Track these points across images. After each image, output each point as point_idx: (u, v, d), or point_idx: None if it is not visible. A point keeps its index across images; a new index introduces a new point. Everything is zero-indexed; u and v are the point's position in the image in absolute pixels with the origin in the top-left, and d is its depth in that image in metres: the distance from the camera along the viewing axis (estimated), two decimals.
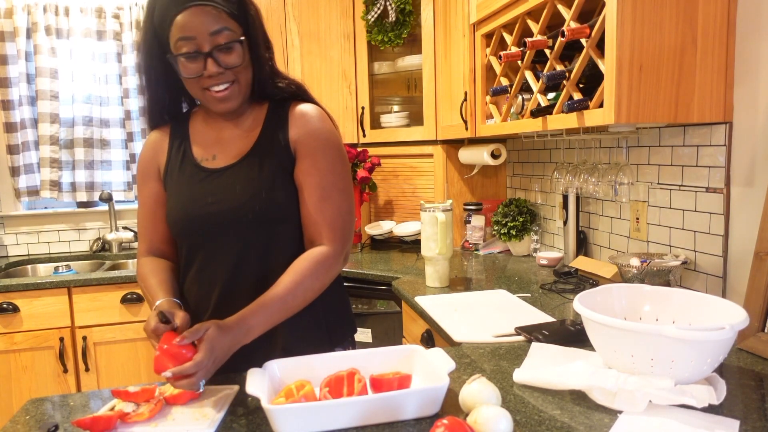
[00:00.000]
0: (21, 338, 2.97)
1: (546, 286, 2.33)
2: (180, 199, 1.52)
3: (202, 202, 1.48)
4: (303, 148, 1.50)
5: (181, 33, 1.37)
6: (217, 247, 1.50)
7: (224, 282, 1.50)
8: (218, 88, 1.42)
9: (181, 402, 1.28)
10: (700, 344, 1.17)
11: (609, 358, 1.30)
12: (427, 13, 3.17)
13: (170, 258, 1.62)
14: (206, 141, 1.55)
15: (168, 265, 1.58)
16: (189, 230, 1.51)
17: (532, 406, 1.24)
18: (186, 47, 1.38)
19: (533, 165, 3.12)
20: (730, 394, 1.26)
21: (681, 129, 2.05)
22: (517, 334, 1.72)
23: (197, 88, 1.44)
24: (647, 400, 1.17)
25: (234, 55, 1.41)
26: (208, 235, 1.49)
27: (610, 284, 1.51)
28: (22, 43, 3.52)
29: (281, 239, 1.51)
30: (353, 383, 1.24)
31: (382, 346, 1.40)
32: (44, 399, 1.37)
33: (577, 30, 1.84)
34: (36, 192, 3.69)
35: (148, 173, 1.59)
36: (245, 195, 1.46)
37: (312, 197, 1.49)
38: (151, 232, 1.60)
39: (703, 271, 1.99)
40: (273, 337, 1.47)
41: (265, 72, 1.52)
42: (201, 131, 1.57)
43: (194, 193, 1.50)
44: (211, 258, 1.51)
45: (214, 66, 1.39)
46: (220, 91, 1.42)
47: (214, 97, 1.43)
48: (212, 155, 1.53)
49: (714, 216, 1.93)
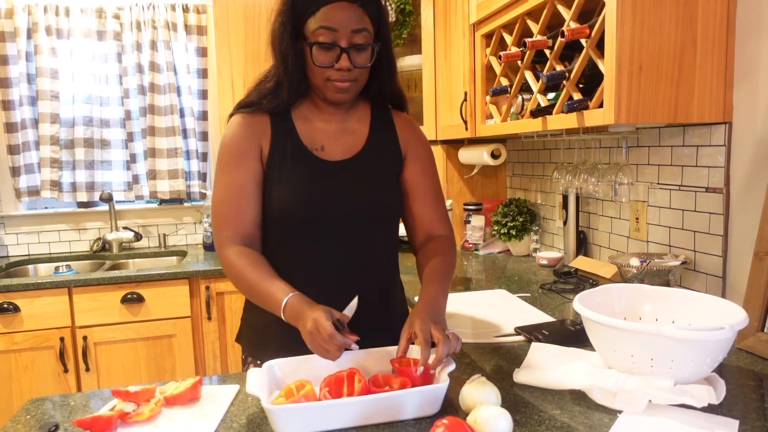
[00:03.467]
0: (21, 338, 2.97)
1: (546, 286, 2.33)
2: (297, 187, 1.50)
3: (323, 194, 1.50)
4: (414, 153, 1.64)
5: (324, 23, 1.42)
6: (326, 238, 1.52)
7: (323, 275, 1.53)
8: (343, 84, 1.47)
9: (181, 402, 1.29)
10: (700, 344, 1.17)
11: (609, 358, 1.30)
12: (427, 13, 3.17)
13: (257, 244, 1.54)
14: (312, 130, 1.57)
15: (264, 259, 1.50)
16: (303, 220, 1.50)
17: (532, 405, 1.24)
18: (324, 37, 1.42)
19: (533, 165, 3.12)
20: (729, 394, 1.26)
21: (681, 129, 2.05)
22: (517, 334, 1.72)
23: (321, 77, 1.47)
24: (647, 399, 1.18)
25: (365, 56, 1.47)
26: (321, 226, 1.51)
27: (610, 284, 1.51)
28: (22, 44, 3.52)
29: (384, 235, 1.60)
30: (353, 383, 1.24)
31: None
32: (45, 399, 1.37)
33: (576, 30, 1.84)
34: (36, 192, 3.69)
35: (248, 152, 1.52)
36: (367, 192, 1.54)
37: (428, 197, 1.64)
38: (243, 214, 1.50)
39: (702, 271, 1.99)
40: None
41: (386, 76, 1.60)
42: (306, 120, 1.58)
43: (313, 184, 1.51)
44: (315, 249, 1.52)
45: (346, 61, 1.44)
46: (343, 84, 1.47)
47: (336, 87, 1.47)
48: (320, 146, 1.56)
49: (714, 216, 1.93)
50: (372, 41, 1.47)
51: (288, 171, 1.51)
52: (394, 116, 1.67)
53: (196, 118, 3.84)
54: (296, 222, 1.50)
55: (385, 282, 1.64)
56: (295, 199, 1.49)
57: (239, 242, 1.49)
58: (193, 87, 3.82)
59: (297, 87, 1.52)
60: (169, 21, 3.68)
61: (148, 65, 3.67)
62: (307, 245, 1.52)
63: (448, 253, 1.59)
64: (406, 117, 1.70)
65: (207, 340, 3.22)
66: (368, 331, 1.34)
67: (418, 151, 1.65)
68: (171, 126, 3.74)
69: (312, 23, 1.43)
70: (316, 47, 1.43)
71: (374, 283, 1.58)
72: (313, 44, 1.43)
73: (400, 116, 1.68)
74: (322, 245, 1.52)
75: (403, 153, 1.63)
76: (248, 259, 1.45)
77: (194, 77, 3.82)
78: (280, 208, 1.50)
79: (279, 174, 1.51)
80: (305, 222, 1.50)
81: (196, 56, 3.80)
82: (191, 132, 3.81)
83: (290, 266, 1.51)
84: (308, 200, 1.49)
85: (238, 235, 1.49)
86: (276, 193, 1.50)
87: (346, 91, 1.48)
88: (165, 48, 3.69)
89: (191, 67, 3.80)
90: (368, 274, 1.57)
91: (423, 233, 1.65)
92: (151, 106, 3.70)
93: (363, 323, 1.37)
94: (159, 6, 3.66)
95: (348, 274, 1.54)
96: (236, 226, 1.50)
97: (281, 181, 1.51)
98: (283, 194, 1.50)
